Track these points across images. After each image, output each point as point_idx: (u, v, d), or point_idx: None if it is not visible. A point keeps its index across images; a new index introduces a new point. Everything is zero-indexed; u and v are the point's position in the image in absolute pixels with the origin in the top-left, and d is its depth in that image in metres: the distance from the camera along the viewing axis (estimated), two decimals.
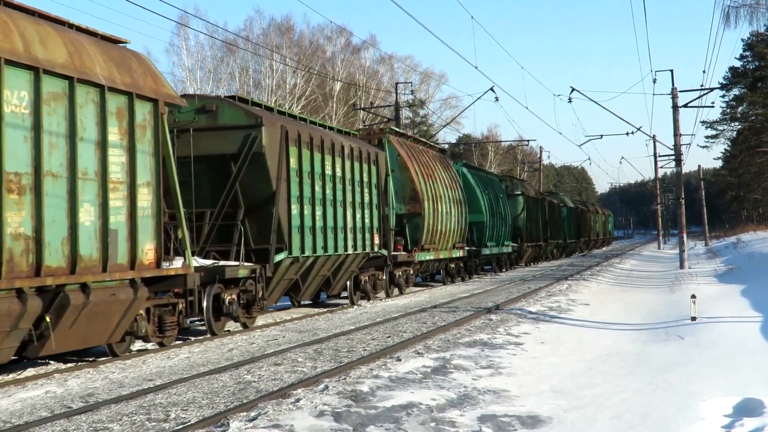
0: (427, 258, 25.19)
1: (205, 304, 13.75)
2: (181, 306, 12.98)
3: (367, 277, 21.18)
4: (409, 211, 24.32)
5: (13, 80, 9.39)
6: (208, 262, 14.39)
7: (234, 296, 14.60)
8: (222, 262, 14.53)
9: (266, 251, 15.73)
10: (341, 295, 21.74)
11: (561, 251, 54.99)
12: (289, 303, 20.04)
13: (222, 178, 15.57)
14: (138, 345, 13.00)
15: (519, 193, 40.94)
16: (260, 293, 15.17)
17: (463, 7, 29.32)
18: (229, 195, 15.53)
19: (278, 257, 15.91)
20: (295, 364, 11.14)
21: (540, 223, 45.53)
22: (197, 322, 15.31)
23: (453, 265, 29.66)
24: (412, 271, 24.82)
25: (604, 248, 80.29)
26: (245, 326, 15.21)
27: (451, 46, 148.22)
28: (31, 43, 9.68)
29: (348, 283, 20.36)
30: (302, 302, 20.18)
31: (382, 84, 61.87)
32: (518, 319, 15.95)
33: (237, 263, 14.85)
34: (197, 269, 13.10)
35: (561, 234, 54.20)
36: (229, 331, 14.99)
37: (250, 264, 15.10)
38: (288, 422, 7.44)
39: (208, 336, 14.27)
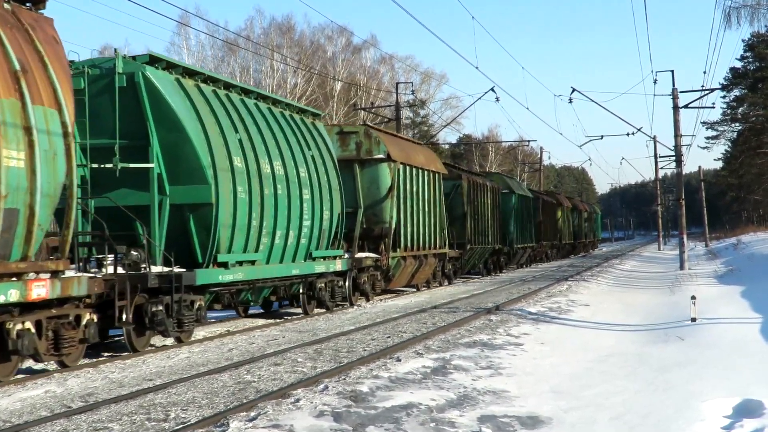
0: None
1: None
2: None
3: None
4: None
5: None
6: None
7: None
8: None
9: None
10: None
11: (507, 260, 38.26)
12: None
13: None
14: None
15: (381, 157, 21.62)
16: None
17: (464, 7, 29.33)
18: None
19: None
20: (295, 364, 11.14)
21: (442, 216, 26.35)
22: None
23: None
24: None
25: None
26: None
27: (451, 46, 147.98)
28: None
29: None
30: None
31: (383, 84, 61.92)
32: (518, 320, 15.95)
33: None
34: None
35: (504, 235, 36.76)
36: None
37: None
38: (288, 422, 7.44)
39: (205, 334, 14.26)
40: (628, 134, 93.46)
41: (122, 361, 11.72)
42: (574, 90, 33.91)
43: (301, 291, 17.85)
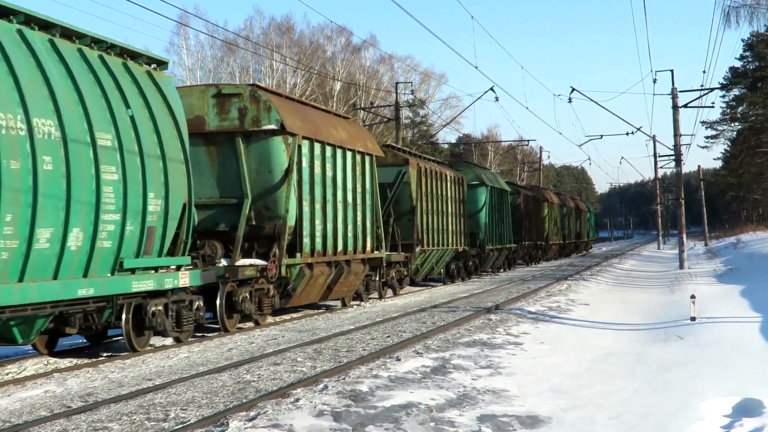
0: None
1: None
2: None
3: None
4: None
5: None
6: None
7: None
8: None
9: None
10: None
11: (477, 264, 32.40)
12: None
13: None
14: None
15: (273, 128, 15.76)
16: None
17: (463, 6, 29.28)
18: None
19: None
20: (295, 363, 11.14)
21: (376, 210, 20.60)
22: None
23: None
24: None
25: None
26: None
27: (451, 46, 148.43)
28: None
29: None
30: None
31: (382, 84, 61.92)
32: (518, 319, 15.96)
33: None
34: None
35: (472, 235, 31.30)
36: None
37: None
38: (287, 422, 7.44)
39: (217, 331, 14.27)
40: (627, 134, 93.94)
41: (122, 360, 11.72)
42: (573, 89, 34.00)
43: (122, 318, 11.83)
